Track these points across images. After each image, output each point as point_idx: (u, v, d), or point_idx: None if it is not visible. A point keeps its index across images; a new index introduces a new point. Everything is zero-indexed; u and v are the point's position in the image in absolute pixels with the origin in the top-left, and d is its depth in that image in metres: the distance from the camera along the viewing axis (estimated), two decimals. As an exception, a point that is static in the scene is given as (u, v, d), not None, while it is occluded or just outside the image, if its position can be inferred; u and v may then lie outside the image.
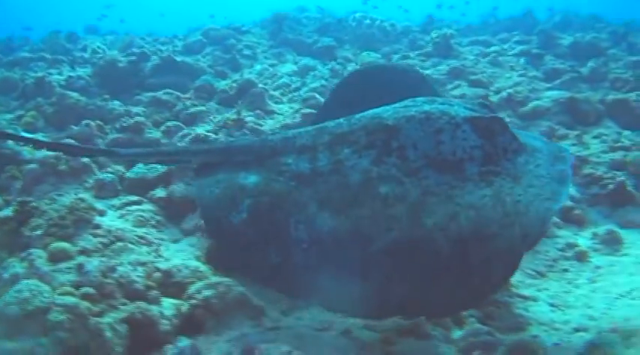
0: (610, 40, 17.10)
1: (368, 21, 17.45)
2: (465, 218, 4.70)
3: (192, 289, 5.61)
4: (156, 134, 9.49)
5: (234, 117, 9.58)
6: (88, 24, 23.40)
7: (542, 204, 4.75)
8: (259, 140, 6.12)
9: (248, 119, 9.86)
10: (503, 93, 11.83)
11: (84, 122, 9.46)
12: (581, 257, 7.14)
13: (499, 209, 4.73)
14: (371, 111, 5.90)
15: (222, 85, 12.04)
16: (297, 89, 12.28)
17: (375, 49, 15.76)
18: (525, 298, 6.21)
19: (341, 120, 5.91)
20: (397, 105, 5.97)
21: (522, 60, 14.68)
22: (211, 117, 10.31)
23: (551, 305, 6.12)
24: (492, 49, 15.75)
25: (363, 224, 4.83)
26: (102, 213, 7.04)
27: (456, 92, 12.17)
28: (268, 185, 5.37)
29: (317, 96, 11.22)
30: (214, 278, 5.75)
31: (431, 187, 5.01)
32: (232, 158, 5.79)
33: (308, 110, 10.32)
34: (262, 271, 4.94)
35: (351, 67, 13.89)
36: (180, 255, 6.57)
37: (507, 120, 6.50)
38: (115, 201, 7.62)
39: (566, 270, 6.96)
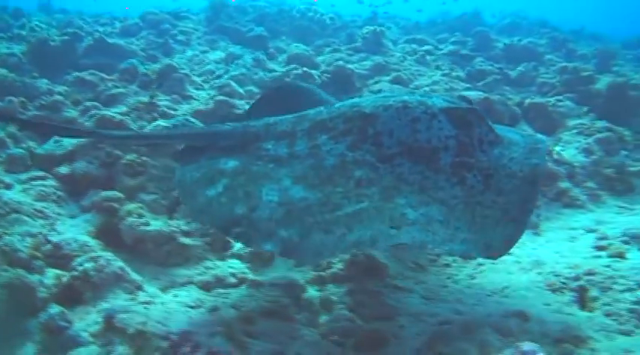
0: (550, 46, 17.48)
1: (311, 13, 17.63)
2: (437, 209, 4.79)
3: (75, 261, 5.79)
4: (73, 113, 9.56)
5: (146, 100, 9.66)
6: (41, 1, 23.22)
7: (505, 230, 4.72)
8: (242, 126, 6.15)
9: (162, 103, 9.93)
10: (420, 91, 11.89)
11: (7, 98, 9.49)
12: (465, 256, 7.20)
13: (468, 216, 4.79)
14: (351, 101, 6.00)
15: (144, 68, 12.11)
16: (220, 76, 12.36)
17: (310, 42, 16.00)
18: (400, 289, 6.35)
19: (322, 108, 6.02)
20: (377, 95, 6.15)
21: (448, 60, 14.94)
22: (128, 99, 10.35)
23: (424, 297, 6.25)
24: (425, 47, 15.92)
25: (335, 196, 4.91)
26: (9, 187, 7.20)
27: (376, 87, 12.36)
28: (247, 168, 5.45)
29: (232, 84, 11.30)
30: (98, 253, 5.94)
31: (404, 175, 5.09)
32: (217, 143, 5.87)
33: (222, 97, 10.30)
34: (225, 220, 4.93)
35: (281, 58, 14.08)
36: (74, 230, 6.66)
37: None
38: (23, 176, 7.69)
39: (447, 265, 7.10)
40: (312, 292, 6.13)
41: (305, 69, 12.17)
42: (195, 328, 5.02)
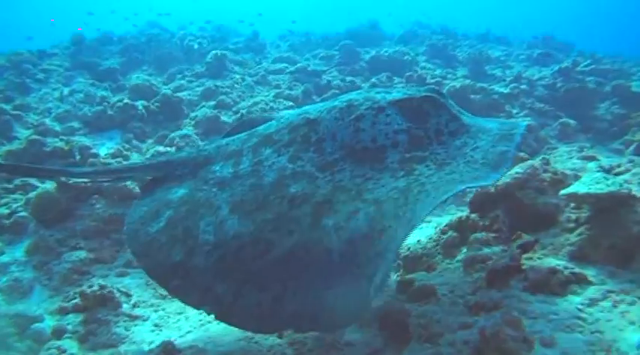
0: (428, 53, 17.68)
1: (187, 39, 17.70)
2: (364, 215, 4.42)
3: None
4: None
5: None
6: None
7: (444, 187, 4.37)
8: (196, 151, 5.98)
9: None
10: (238, 115, 12.24)
11: None
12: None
13: (401, 201, 4.41)
14: (302, 108, 5.77)
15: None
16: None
17: (169, 69, 16.18)
18: (135, 317, 6.53)
19: (273, 121, 5.81)
20: (333, 99, 5.80)
21: (292, 78, 15.11)
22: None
23: (156, 325, 6.42)
24: (279, 66, 16.12)
25: (265, 228, 4.62)
26: None
27: (196, 114, 12.56)
28: (192, 196, 5.27)
29: (47, 122, 11.45)
30: None
31: (344, 181, 4.74)
32: (173, 172, 5.73)
33: (35, 137, 10.03)
34: (163, 269, 4.77)
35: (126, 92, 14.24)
36: None
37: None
38: None
39: None
40: (49, 322, 6.34)
41: (127, 101, 12.32)
42: None
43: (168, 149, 10.31)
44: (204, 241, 4.75)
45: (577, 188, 6.06)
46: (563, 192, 6.09)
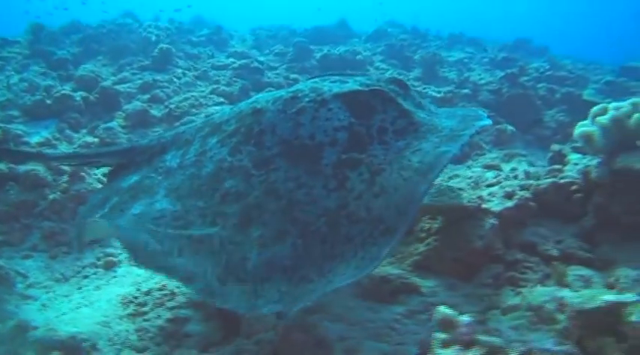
0: (384, 54, 18.01)
1: (147, 31, 17.68)
2: (291, 245, 4.18)
3: None
4: None
5: None
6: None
7: (372, 249, 3.99)
8: (157, 138, 5.91)
9: None
10: (166, 110, 12.71)
11: None
12: (108, 266, 7.73)
13: (327, 246, 4.12)
14: (254, 97, 5.64)
15: None
16: (-5, 102, 12.81)
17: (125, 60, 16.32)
18: (27, 297, 7.00)
19: (227, 109, 5.68)
20: (283, 89, 5.68)
21: (230, 73, 15.43)
22: None
23: (43, 305, 6.83)
24: (228, 61, 16.39)
25: (192, 211, 4.63)
26: None
27: (127, 107, 12.87)
28: (140, 182, 5.26)
29: None
30: None
31: (277, 184, 4.54)
32: (135, 158, 5.71)
33: None
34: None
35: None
36: None
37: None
38: None
39: (86, 277, 7.59)
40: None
41: (65, 91, 12.62)
42: None
43: (96, 140, 10.75)
44: (131, 214, 4.88)
45: (423, 199, 6.43)
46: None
